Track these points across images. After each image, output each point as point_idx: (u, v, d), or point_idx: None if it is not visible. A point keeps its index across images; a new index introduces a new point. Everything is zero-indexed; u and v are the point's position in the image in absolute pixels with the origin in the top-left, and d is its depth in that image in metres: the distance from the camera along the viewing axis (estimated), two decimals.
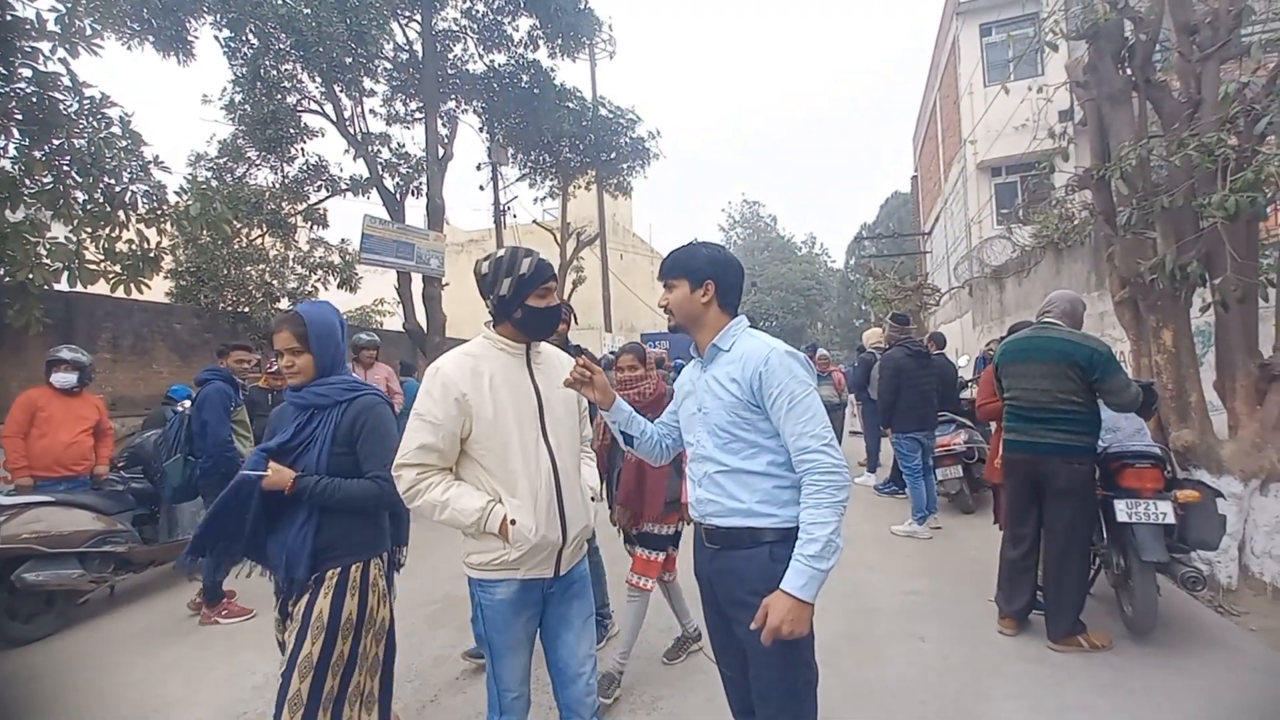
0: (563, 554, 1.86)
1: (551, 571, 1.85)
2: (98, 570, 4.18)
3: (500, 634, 1.85)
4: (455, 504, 1.76)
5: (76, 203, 5.59)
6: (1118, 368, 3.12)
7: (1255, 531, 3.75)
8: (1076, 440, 3.17)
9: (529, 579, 1.83)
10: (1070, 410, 3.16)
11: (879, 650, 3.27)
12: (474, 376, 1.81)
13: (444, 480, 1.80)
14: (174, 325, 8.61)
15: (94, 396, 4.82)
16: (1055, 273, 8.72)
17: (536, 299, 1.85)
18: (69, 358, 4.54)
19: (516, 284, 1.82)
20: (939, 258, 18.67)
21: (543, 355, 1.96)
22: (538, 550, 1.80)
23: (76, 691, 3.26)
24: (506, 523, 1.76)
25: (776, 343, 1.72)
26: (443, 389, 1.78)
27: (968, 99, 13.65)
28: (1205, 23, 4.00)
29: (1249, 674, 2.90)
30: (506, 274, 1.83)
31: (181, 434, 4.20)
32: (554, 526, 1.82)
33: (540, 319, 1.87)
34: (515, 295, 1.83)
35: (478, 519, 1.75)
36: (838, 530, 1.58)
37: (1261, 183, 3.33)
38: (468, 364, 1.83)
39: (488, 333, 1.91)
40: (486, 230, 18.93)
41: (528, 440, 1.82)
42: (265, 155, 10.58)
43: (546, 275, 1.87)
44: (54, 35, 5.23)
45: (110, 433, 4.84)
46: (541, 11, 11.13)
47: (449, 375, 1.79)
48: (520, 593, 1.83)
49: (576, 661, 1.91)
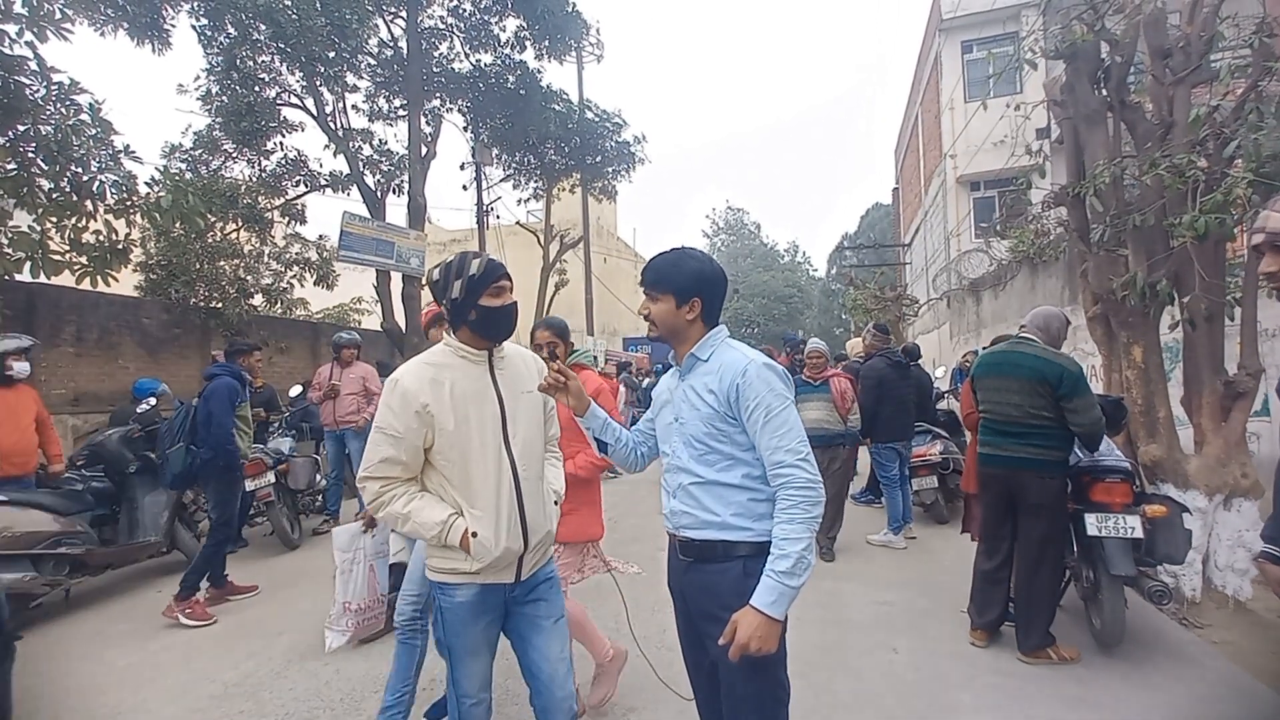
0: (524, 560, 1.85)
1: (512, 577, 1.85)
2: (52, 573, 4.03)
3: (459, 637, 1.83)
4: (417, 516, 1.76)
5: (41, 191, 5.39)
6: (1085, 389, 3.15)
7: (1218, 545, 3.82)
8: (1048, 455, 3.20)
9: (489, 584, 1.82)
10: (1042, 425, 3.19)
11: (851, 661, 3.26)
12: (434, 386, 1.77)
13: (407, 492, 1.80)
14: (142, 320, 8.39)
15: (29, 387, 4.59)
16: (1030, 287, 8.88)
17: (490, 298, 1.82)
18: (19, 346, 4.37)
19: (467, 285, 1.80)
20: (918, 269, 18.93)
21: (506, 359, 1.92)
22: (499, 561, 1.79)
23: (25, 699, 3.11)
24: (468, 536, 1.75)
25: (755, 354, 1.70)
26: (402, 401, 1.75)
27: (949, 114, 13.88)
28: (1178, 47, 4.09)
29: (1211, 688, 2.94)
30: (456, 276, 1.81)
31: (187, 424, 4.31)
32: (515, 536, 1.80)
33: (495, 318, 1.83)
34: (467, 297, 1.80)
35: (438, 532, 1.75)
36: (810, 547, 1.56)
37: (1230, 204, 3.40)
38: (427, 374, 1.80)
39: (448, 340, 1.88)
40: (469, 230, 18.77)
41: (489, 449, 1.81)
42: (241, 148, 10.36)
43: (497, 274, 1.83)
44: (21, 18, 5.05)
45: (51, 424, 4.66)
46: (529, 12, 11.07)
47: (408, 387, 1.76)
48: (480, 596, 1.82)
49: (549, 664, 1.88)
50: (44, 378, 6.78)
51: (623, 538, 5.52)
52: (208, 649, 3.64)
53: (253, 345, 4.99)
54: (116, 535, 4.65)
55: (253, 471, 5.12)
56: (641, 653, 2.76)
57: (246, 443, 4.69)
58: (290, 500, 5.94)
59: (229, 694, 3.12)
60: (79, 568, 4.25)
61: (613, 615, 3.79)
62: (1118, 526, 3.15)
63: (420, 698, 2.98)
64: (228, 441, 4.25)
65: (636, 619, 3.21)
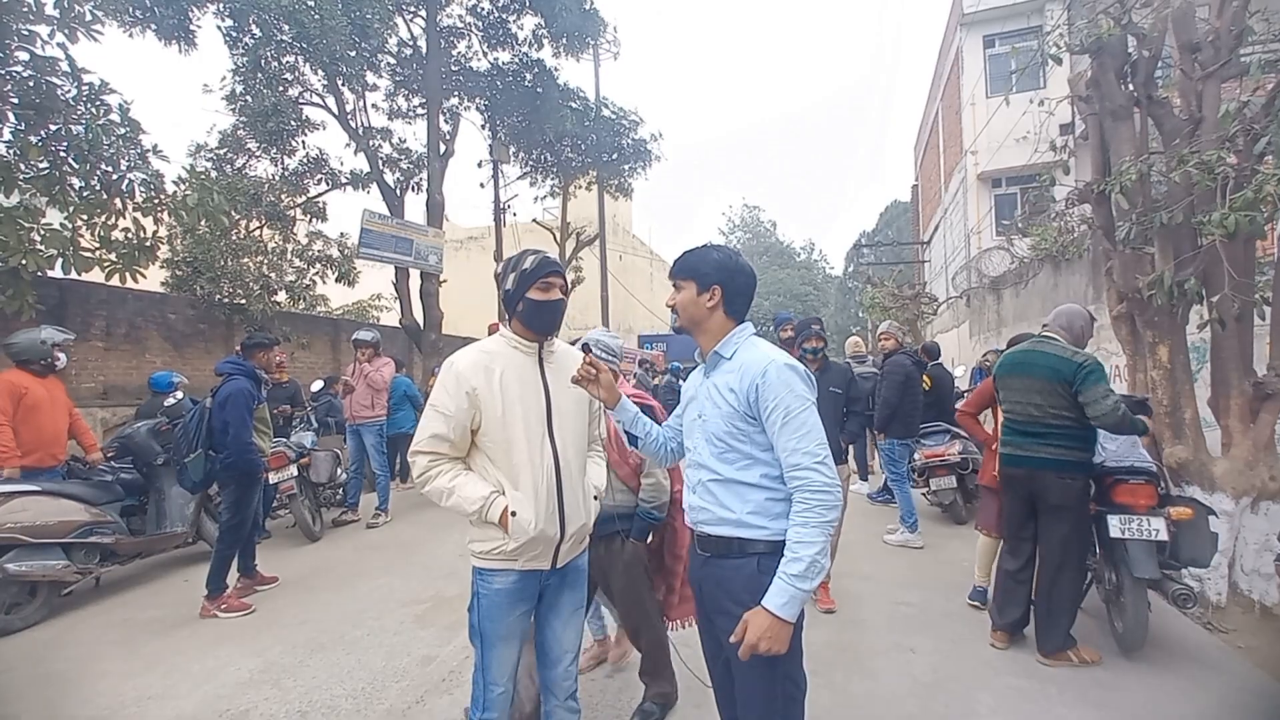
0: (560, 549, 1.92)
1: (548, 564, 1.92)
2: (83, 561, 4.14)
3: (493, 623, 1.89)
4: (460, 491, 1.84)
5: (72, 189, 5.54)
6: (1098, 379, 3.08)
7: (1245, 549, 3.75)
8: (1069, 455, 3.16)
9: (527, 570, 1.90)
10: (1063, 425, 3.16)
11: (868, 662, 3.25)
12: (486, 373, 1.88)
13: (453, 468, 1.88)
14: (169, 315, 8.57)
15: (59, 379, 4.69)
16: (1053, 286, 8.74)
17: (537, 292, 1.90)
18: (66, 338, 4.51)
19: (519, 278, 1.90)
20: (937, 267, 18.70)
21: (556, 355, 2.02)
22: (535, 543, 1.86)
23: (53, 683, 3.22)
24: (507, 514, 1.82)
25: (777, 353, 1.70)
26: (455, 382, 1.86)
27: (970, 110, 13.69)
28: (1207, 41, 4.01)
29: (1235, 694, 2.89)
30: (512, 270, 1.93)
31: (202, 428, 4.23)
32: (552, 522, 1.87)
33: (540, 311, 1.92)
34: (517, 289, 1.90)
35: (480, 507, 1.82)
36: (824, 550, 1.56)
37: (1260, 201, 3.33)
38: (481, 360, 1.90)
39: (504, 330, 1.99)
40: (486, 228, 18.89)
41: (533, 437, 1.88)
42: (265, 147, 10.51)
43: (546, 270, 1.92)
44: (52, 19, 5.18)
45: (79, 415, 4.80)
46: (546, 11, 11.11)
47: (461, 370, 1.87)
48: (518, 584, 1.89)
49: (559, 648, 2.01)
50: (74, 371, 6.95)
51: None
52: (232, 637, 3.72)
53: (271, 340, 4.76)
54: (145, 525, 4.76)
55: (276, 464, 5.22)
56: (671, 643, 2.79)
57: (267, 441, 4.71)
58: (312, 493, 6.04)
59: (253, 681, 3.19)
60: (109, 556, 4.36)
61: None
62: (1142, 528, 3.11)
63: (438, 687, 3.04)
64: (247, 451, 4.20)
65: None
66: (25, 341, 4.35)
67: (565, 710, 2.03)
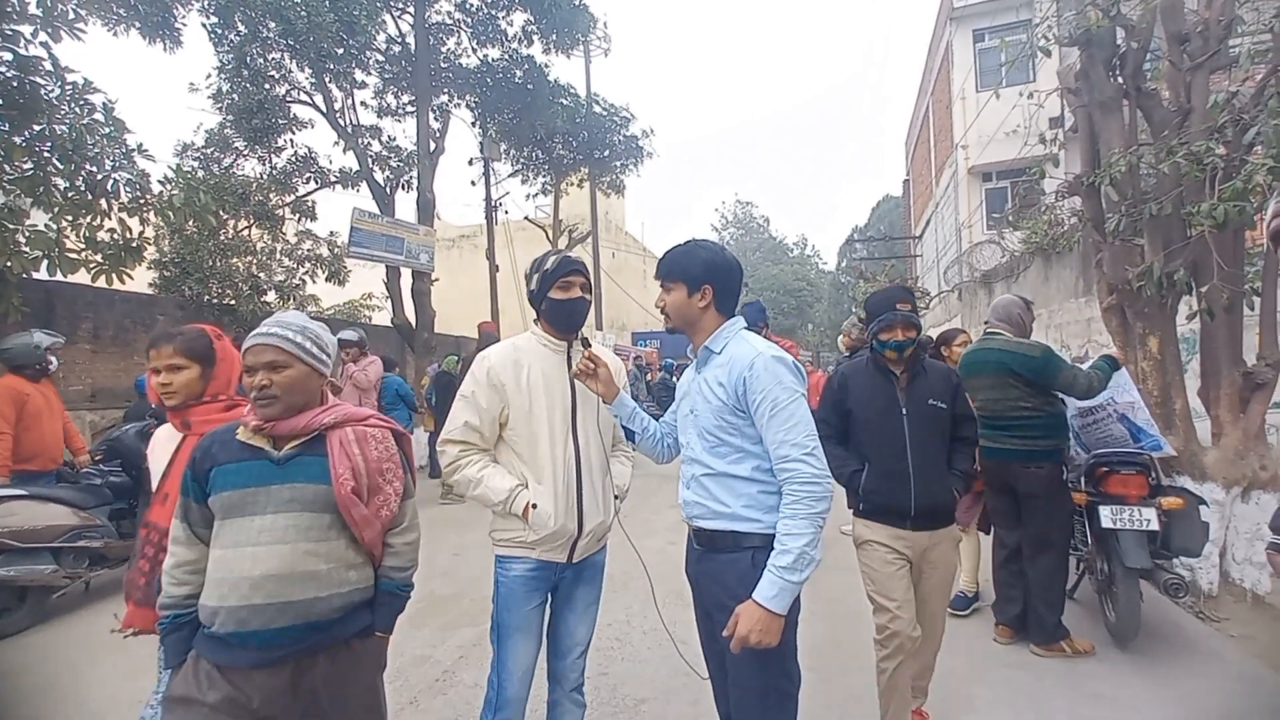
0: (577, 544, 1.97)
1: (565, 558, 1.97)
2: (72, 566, 4.10)
3: (510, 612, 1.94)
4: (488, 482, 1.91)
5: (57, 190, 5.46)
6: (1057, 367, 3.16)
7: (1236, 538, 3.78)
8: (1034, 445, 3.21)
9: (543, 560, 1.95)
10: (1021, 417, 3.22)
11: (863, 654, 3.24)
12: (515, 368, 1.96)
13: (482, 459, 1.96)
14: (157, 316, 8.47)
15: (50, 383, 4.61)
16: (1044, 279, 8.77)
17: (559, 291, 1.96)
18: (56, 342, 4.44)
19: (542, 278, 1.98)
20: (929, 261, 18.76)
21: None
22: (554, 537, 1.91)
23: (45, 688, 3.19)
24: (529, 507, 1.89)
25: (765, 346, 1.69)
26: (486, 375, 1.94)
27: (960, 104, 13.71)
28: (1196, 32, 4.02)
29: (1229, 683, 2.92)
30: (536, 270, 2.01)
31: None
32: (571, 517, 1.93)
33: (561, 309, 1.98)
34: (540, 288, 1.98)
35: (505, 499, 1.89)
36: (813, 542, 1.56)
37: (1249, 191, 3.34)
38: (511, 355, 1.98)
39: (534, 329, 2.07)
40: (477, 226, 18.80)
41: (556, 434, 1.95)
42: (253, 145, 10.42)
43: (567, 269, 1.98)
44: (35, 18, 5.11)
45: (68, 418, 4.74)
46: (536, 7, 11.05)
47: (492, 364, 1.96)
48: (534, 571, 1.94)
49: (571, 640, 2.06)
50: (62, 374, 6.85)
51: (635, 532, 5.52)
52: None
53: None
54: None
55: None
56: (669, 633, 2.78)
57: None
58: None
59: None
60: (98, 560, 4.31)
61: (624, 607, 3.82)
62: (1133, 519, 3.13)
63: (432, 687, 3.02)
64: None
65: (645, 611, 3.23)
66: (19, 346, 4.29)
67: (570, 701, 2.07)
